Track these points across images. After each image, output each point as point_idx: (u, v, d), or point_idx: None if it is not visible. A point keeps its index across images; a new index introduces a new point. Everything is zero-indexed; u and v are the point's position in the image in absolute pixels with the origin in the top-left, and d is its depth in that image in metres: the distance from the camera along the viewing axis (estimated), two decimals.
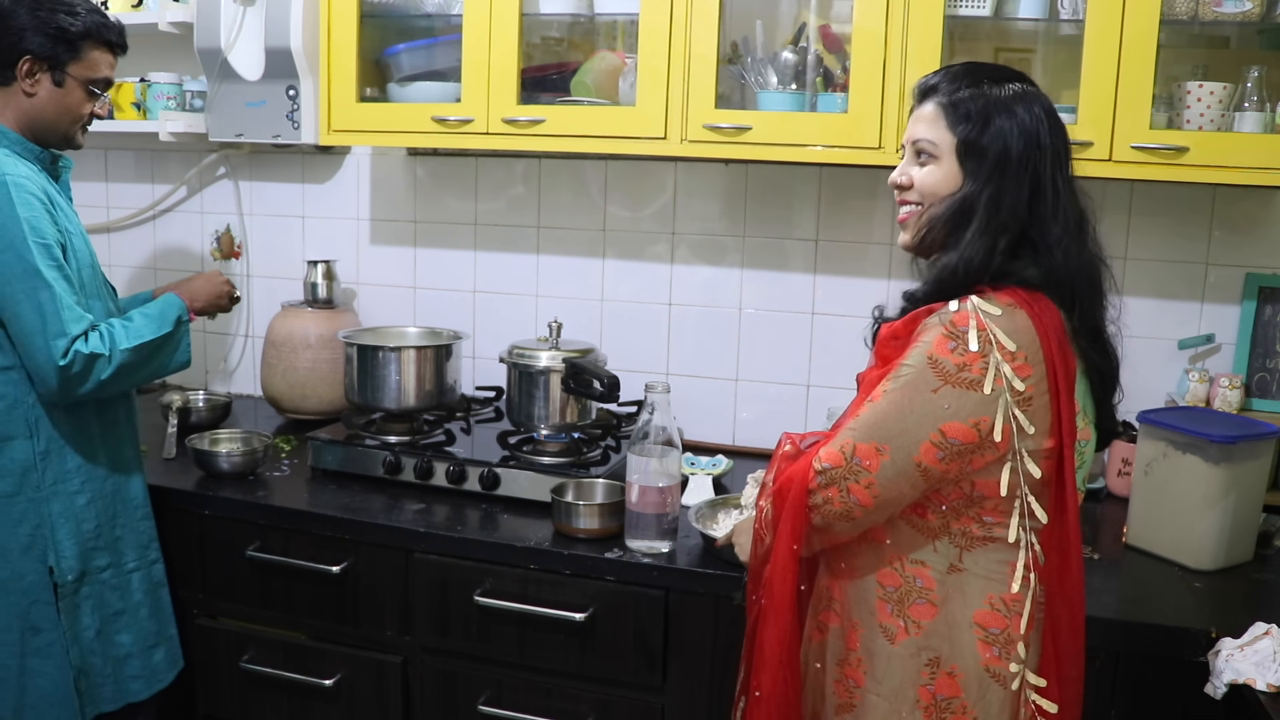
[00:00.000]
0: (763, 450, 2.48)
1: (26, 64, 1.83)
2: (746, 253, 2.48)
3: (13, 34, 1.82)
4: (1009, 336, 1.32)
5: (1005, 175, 1.36)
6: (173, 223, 2.93)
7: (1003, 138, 1.36)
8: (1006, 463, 1.35)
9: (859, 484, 1.36)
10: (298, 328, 2.59)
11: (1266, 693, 1.47)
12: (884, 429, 1.35)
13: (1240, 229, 2.21)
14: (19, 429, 1.87)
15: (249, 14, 2.51)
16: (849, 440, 1.37)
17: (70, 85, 1.87)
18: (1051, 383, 1.34)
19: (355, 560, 2.05)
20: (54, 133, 1.91)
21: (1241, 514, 1.87)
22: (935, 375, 1.33)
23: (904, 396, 1.35)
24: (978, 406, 1.32)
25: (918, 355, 1.35)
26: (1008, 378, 1.31)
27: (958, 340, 1.32)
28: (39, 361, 1.79)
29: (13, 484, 1.87)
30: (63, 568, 1.90)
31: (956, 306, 1.34)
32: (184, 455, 2.30)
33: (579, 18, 2.31)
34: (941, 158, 1.41)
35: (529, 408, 2.20)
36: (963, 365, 1.32)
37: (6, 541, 1.87)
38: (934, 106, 1.42)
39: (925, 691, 1.40)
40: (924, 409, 1.33)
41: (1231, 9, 1.90)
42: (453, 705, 2.03)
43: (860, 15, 1.98)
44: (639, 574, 1.87)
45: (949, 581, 1.39)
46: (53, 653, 1.91)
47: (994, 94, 1.38)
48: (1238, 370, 2.18)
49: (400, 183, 2.71)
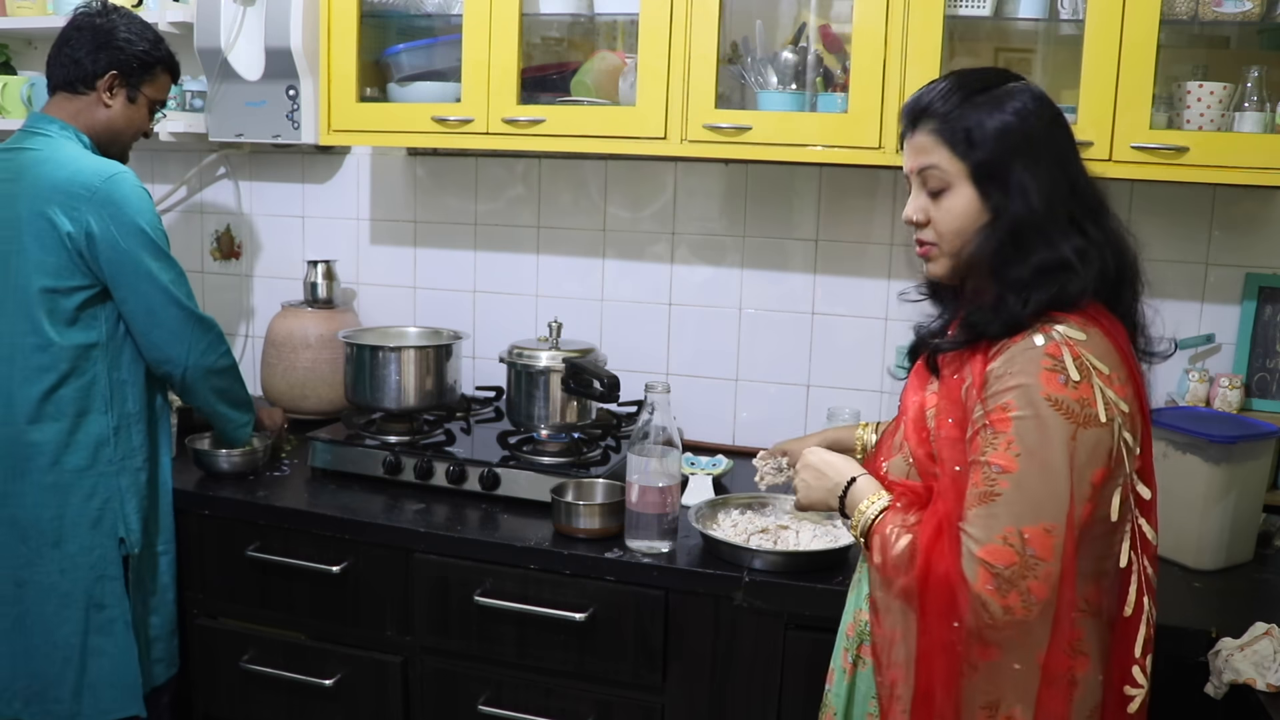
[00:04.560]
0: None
1: (110, 79, 2.04)
2: (746, 253, 2.48)
3: (102, 51, 2.02)
4: (1100, 360, 1.23)
5: (1037, 180, 1.26)
6: (173, 223, 2.92)
7: (1015, 146, 1.27)
8: (1117, 488, 1.26)
9: (1037, 578, 1.19)
10: (298, 328, 2.59)
11: (1266, 693, 1.47)
12: (1045, 504, 1.19)
13: (1240, 229, 2.21)
14: (97, 404, 1.97)
15: (249, 14, 2.51)
16: (1010, 529, 1.19)
17: (141, 102, 2.10)
18: (1140, 398, 1.28)
19: (355, 560, 2.05)
20: (118, 143, 2.11)
21: (1241, 514, 1.87)
22: (1065, 418, 1.20)
23: (1047, 456, 1.20)
24: (1106, 440, 1.22)
25: (1027, 399, 1.21)
26: (1114, 402, 1.23)
27: (1064, 373, 1.20)
28: (171, 328, 1.99)
29: (87, 457, 1.96)
30: (132, 540, 2.00)
31: (1043, 339, 1.23)
32: (184, 455, 2.29)
33: (579, 18, 2.31)
34: (955, 186, 1.30)
35: (529, 408, 2.20)
36: (1082, 400, 1.20)
37: (77, 516, 1.96)
38: (930, 134, 1.31)
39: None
40: (1069, 464, 1.20)
41: (1231, 9, 1.90)
42: (452, 705, 2.03)
43: (860, 15, 1.98)
44: (639, 574, 1.86)
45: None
46: (115, 630, 1.98)
47: (989, 103, 1.29)
48: (1238, 370, 2.18)
49: (400, 183, 2.71)
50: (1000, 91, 1.30)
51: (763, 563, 1.81)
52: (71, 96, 2.04)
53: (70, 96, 2.04)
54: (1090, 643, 1.31)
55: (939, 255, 1.35)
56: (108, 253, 1.94)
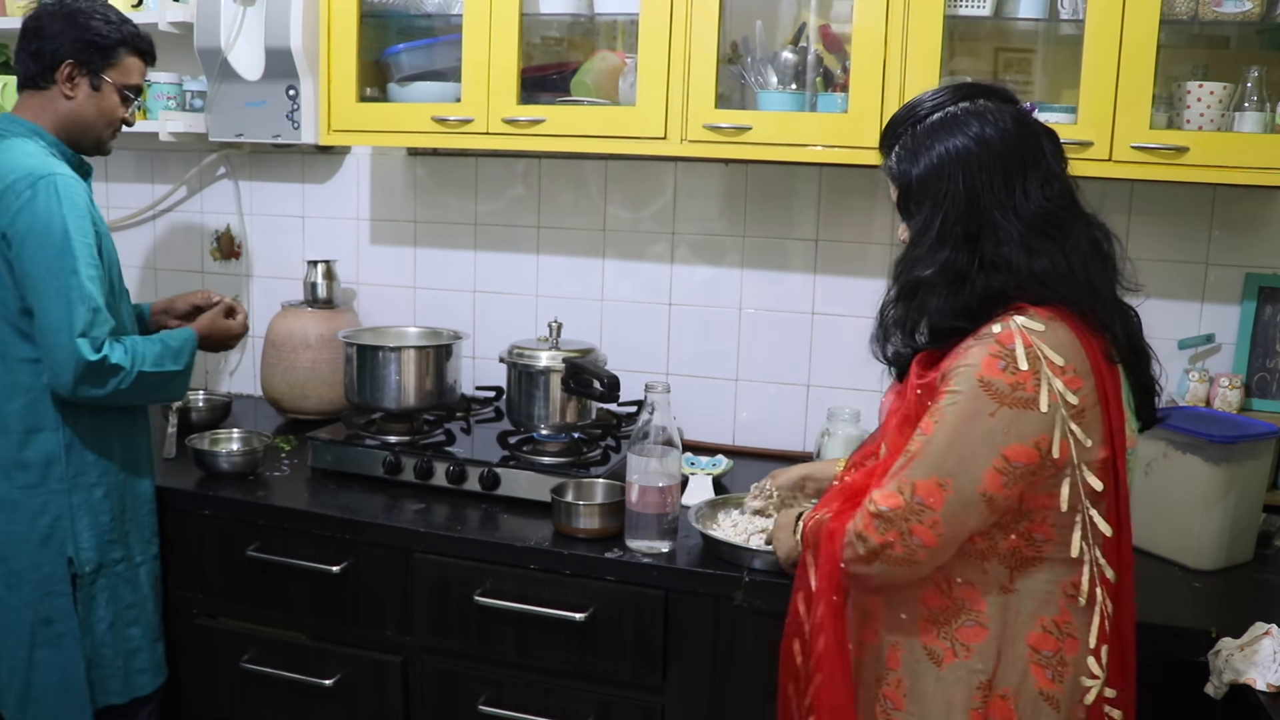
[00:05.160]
0: (763, 450, 2.48)
1: (67, 69, 1.92)
2: (746, 253, 2.47)
3: (55, 41, 1.91)
4: (1056, 351, 1.29)
5: (938, 205, 1.36)
6: (173, 223, 2.93)
7: (927, 174, 1.37)
8: (1065, 478, 1.32)
9: (923, 524, 1.31)
10: (298, 328, 2.59)
11: (1266, 693, 1.47)
12: (944, 463, 1.31)
13: (1240, 229, 2.21)
14: (48, 420, 1.91)
15: (249, 14, 2.52)
16: (906, 479, 1.32)
17: (106, 89, 1.96)
18: (1101, 393, 1.32)
19: (355, 560, 2.05)
20: (89, 135, 1.98)
21: (1241, 514, 1.87)
22: (990, 397, 1.28)
23: (959, 424, 1.30)
24: (1037, 426, 1.29)
25: (965, 379, 1.30)
26: (1061, 393, 1.29)
27: (1007, 359, 1.28)
28: (59, 356, 1.82)
29: (37, 475, 1.91)
30: (82, 559, 1.94)
31: (1000, 327, 1.31)
32: (184, 455, 2.30)
33: (579, 18, 2.31)
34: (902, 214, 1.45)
35: (529, 408, 2.20)
36: (1016, 384, 1.28)
37: (26, 532, 1.91)
38: (885, 168, 1.45)
39: (977, 715, 1.36)
40: (982, 435, 1.29)
41: (1231, 9, 1.90)
42: (452, 705, 2.03)
43: (860, 15, 1.98)
44: (639, 574, 1.86)
45: (1001, 602, 1.36)
46: (63, 644, 1.93)
47: (920, 135, 1.39)
48: (1238, 370, 2.18)
49: (400, 183, 2.71)
50: (937, 116, 1.39)
51: (763, 563, 1.81)
52: (35, 93, 1.94)
53: (34, 93, 1.94)
54: (1079, 628, 1.37)
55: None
56: (17, 262, 1.83)
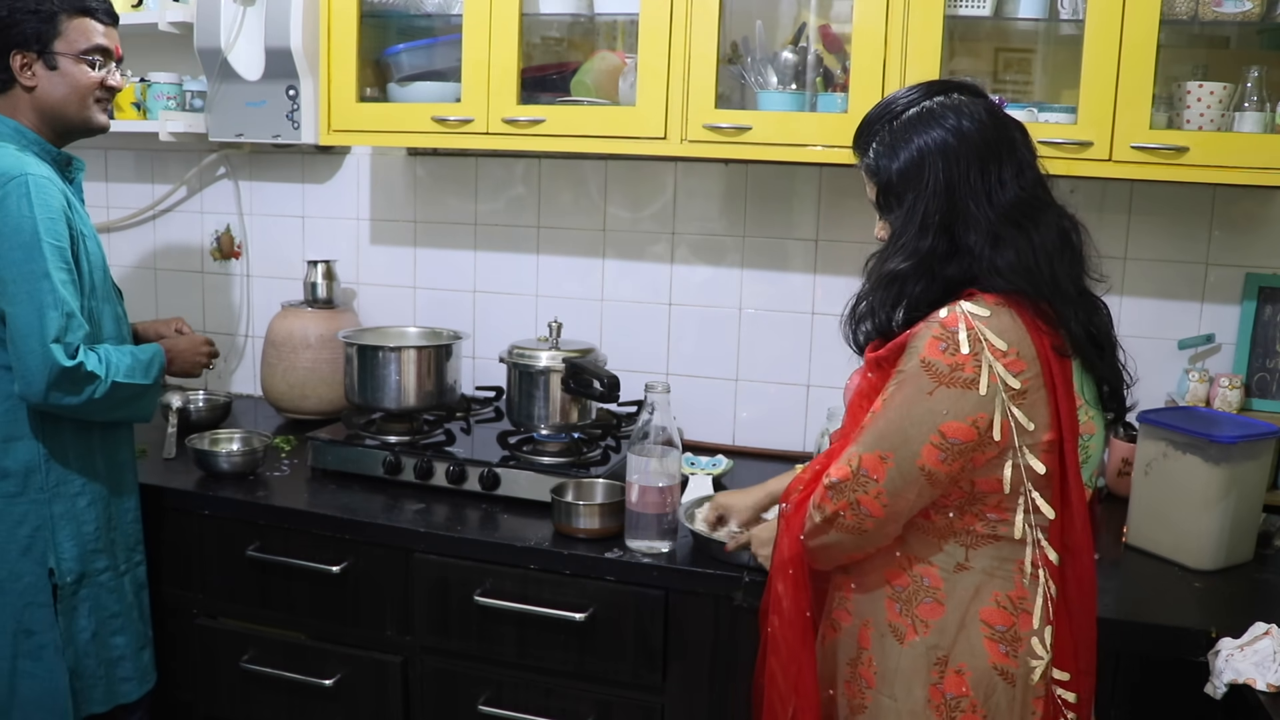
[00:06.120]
0: (763, 450, 2.48)
1: (17, 59, 1.84)
2: (746, 253, 2.47)
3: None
4: (998, 335, 1.33)
5: (919, 196, 1.38)
6: (173, 223, 2.93)
7: (907, 168, 1.39)
8: (1008, 460, 1.35)
9: (868, 495, 1.37)
10: (298, 328, 2.59)
11: (1266, 693, 1.47)
12: (886, 437, 1.37)
13: (1240, 229, 2.21)
14: (25, 429, 1.86)
15: (249, 14, 2.51)
16: (854, 452, 1.39)
17: (64, 63, 1.86)
18: (1047, 377, 1.35)
19: (355, 560, 2.05)
20: (69, 115, 1.90)
21: (1241, 514, 1.87)
22: (930, 378, 1.34)
23: (902, 402, 1.36)
24: (975, 405, 1.33)
25: (910, 361, 1.36)
26: (1001, 375, 1.32)
27: (948, 342, 1.33)
28: (31, 363, 1.77)
29: (17, 484, 1.87)
30: (63, 569, 1.89)
31: (946, 311, 1.35)
32: (184, 455, 2.30)
33: (579, 18, 2.31)
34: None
35: (529, 408, 2.20)
36: (955, 366, 1.33)
37: (5, 542, 1.87)
38: (862, 170, 1.47)
39: (935, 690, 1.40)
40: (922, 412, 1.34)
41: (1231, 9, 1.90)
42: (452, 705, 2.03)
43: (860, 15, 1.98)
44: (639, 574, 1.86)
45: (955, 580, 1.40)
46: (44, 655, 1.90)
47: (897, 131, 1.41)
48: (1238, 370, 2.18)
49: (400, 183, 2.71)
50: (912, 113, 1.42)
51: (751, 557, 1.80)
52: (2, 95, 1.87)
53: (1, 95, 1.87)
54: (1031, 601, 1.40)
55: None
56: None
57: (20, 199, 1.77)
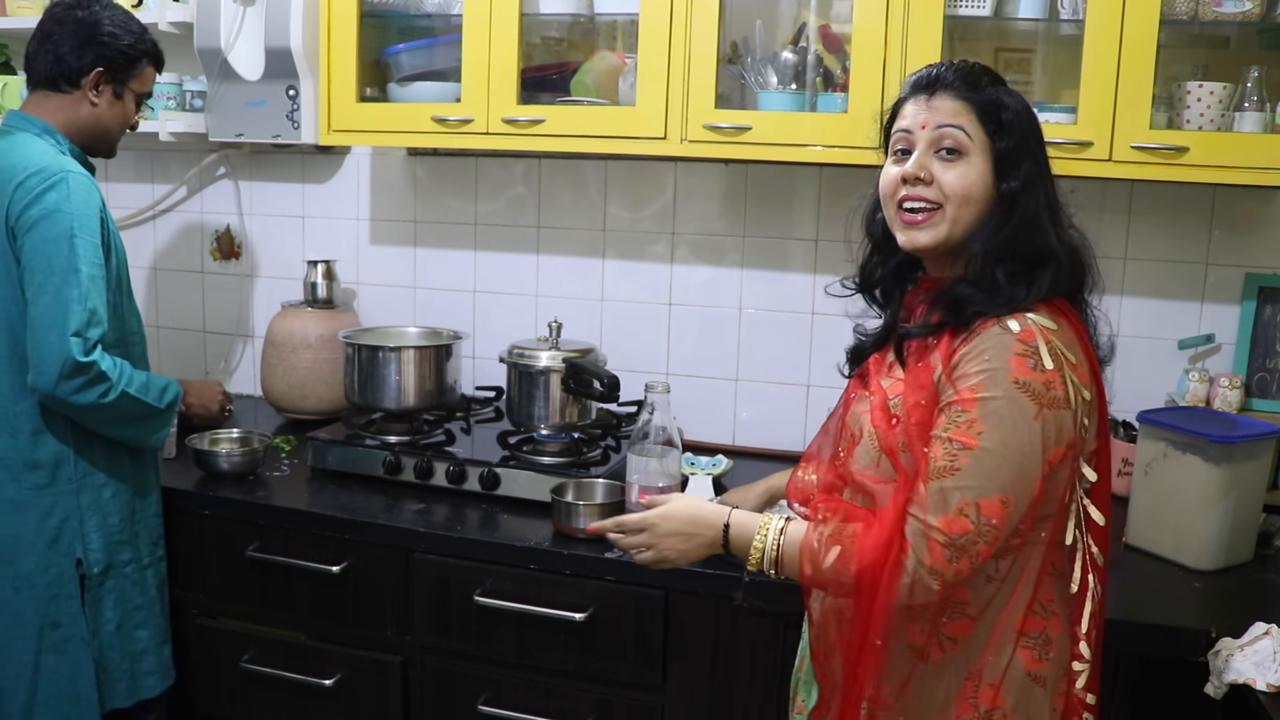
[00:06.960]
0: (763, 450, 2.48)
1: (95, 77, 1.95)
2: (746, 253, 2.47)
3: (82, 48, 1.93)
4: (1068, 349, 1.27)
5: (1043, 176, 1.33)
6: (173, 223, 2.93)
7: (1032, 141, 1.33)
8: (1064, 470, 1.31)
9: (987, 543, 1.25)
10: (298, 328, 2.59)
11: (1266, 693, 1.47)
12: (1003, 477, 1.24)
13: (1240, 229, 2.21)
14: (54, 420, 1.89)
15: (249, 14, 2.51)
16: (967, 500, 1.24)
17: (127, 97, 2.02)
18: (1099, 386, 1.33)
19: (355, 560, 2.05)
20: (105, 139, 2.03)
21: (1241, 514, 1.87)
22: (1030, 400, 1.23)
23: (1007, 433, 1.23)
24: (1069, 425, 1.27)
25: (998, 382, 1.24)
26: (1079, 388, 1.27)
27: (1035, 358, 1.24)
28: (46, 352, 1.80)
29: (46, 476, 1.90)
30: (90, 560, 1.93)
31: (1018, 325, 1.26)
32: (184, 455, 2.29)
33: (579, 18, 2.31)
34: (972, 155, 1.31)
35: (529, 408, 2.20)
36: (1048, 384, 1.24)
37: (34, 535, 1.90)
38: (958, 100, 1.32)
39: (967, 705, 1.34)
40: (1031, 442, 1.24)
41: (1231, 9, 1.90)
42: (452, 705, 2.03)
43: (860, 15, 1.98)
44: (639, 574, 1.85)
45: (987, 592, 1.33)
46: (69, 648, 1.92)
47: (1010, 94, 1.35)
48: (1238, 370, 2.18)
49: (400, 183, 2.71)
50: (1011, 88, 1.38)
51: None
52: (52, 94, 1.95)
53: (50, 94, 1.95)
54: (1059, 604, 1.38)
55: (939, 220, 1.33)
56: (23, 257, 1.82)
57: (63, 195, 1.83)
